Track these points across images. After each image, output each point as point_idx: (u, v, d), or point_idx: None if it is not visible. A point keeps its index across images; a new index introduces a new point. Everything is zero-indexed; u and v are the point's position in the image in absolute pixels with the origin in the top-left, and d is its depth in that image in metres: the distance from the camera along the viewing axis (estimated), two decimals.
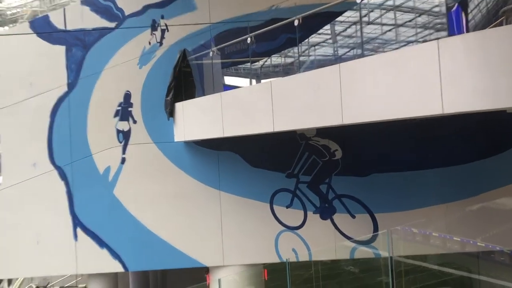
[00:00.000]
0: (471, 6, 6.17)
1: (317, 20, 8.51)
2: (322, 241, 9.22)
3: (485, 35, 4.47)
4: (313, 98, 6.14)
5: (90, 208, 9.40)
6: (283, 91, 6.71)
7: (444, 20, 6.52)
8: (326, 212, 9.18)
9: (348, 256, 9.40)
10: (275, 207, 9.27)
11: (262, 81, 9.44)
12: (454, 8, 5.90)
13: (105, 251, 9.33)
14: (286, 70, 10.00)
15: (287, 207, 9.27)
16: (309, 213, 9.25)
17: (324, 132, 8.91)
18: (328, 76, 5.92)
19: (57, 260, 9.46)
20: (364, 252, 9.24)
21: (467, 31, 5.70)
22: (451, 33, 5.75)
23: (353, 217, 9.16)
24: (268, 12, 9.51)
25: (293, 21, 7.01)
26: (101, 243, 9.32)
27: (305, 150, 9.21)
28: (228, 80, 10.23)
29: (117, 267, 9.40)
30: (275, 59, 10.09)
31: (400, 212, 9.16)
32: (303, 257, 9.20)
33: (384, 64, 5.21)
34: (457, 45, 4.53)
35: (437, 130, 8.38)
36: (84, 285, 15.45)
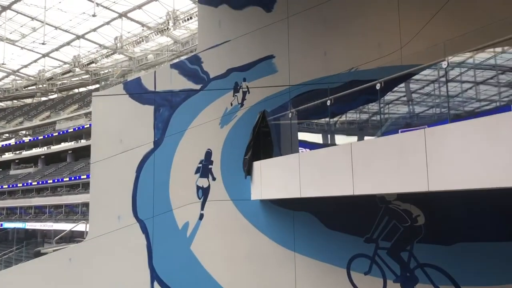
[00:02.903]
0: None
1: (396, 81, 8.45)
2: None
3: None
4: (396, 162, 5.99)
5: (168, 263, 9.59)
6: (364, 154, 6.63)
7: None
8: (407, 282, 8.63)
9: None
10: (352, 273, 8.88)
11: (337, 136, 9.39)
12: None
13: None
14: (361, 127, 9.90)
15: (366, 273, 8.85)
16: (389, 282, 8.73)
17: (406, 196, 8.56)
18: (412, 141, 5.79)
19: None
20: None
21: None
22: None
23: None
24: (348, 74, 9.62)
25: (373, 84, 7.05)
26: None
27: (385, 214, 8.86)
28: (301, 135, 10.26)
29: None
30: (351, 115, 10.03)
31: (491, 286, 8.37)
32: None
33: (475, 129, 5.01)
34: None
35: None
36: None
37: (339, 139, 9.44)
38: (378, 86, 6.80)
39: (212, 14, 10.53)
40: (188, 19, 42.11)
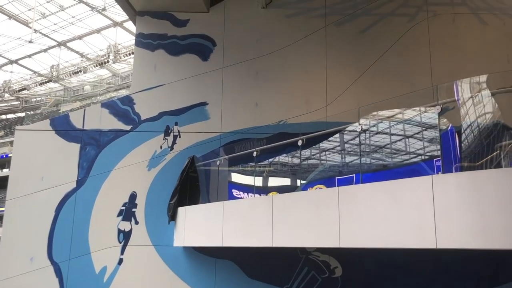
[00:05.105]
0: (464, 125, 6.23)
1: (319, 137, 8.82)
2: None
3: (478, 175, 4.66)
4: (312, 217, 6.23)
5: None
6: (284, 207, 6.83)
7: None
8: None
9: None
10: None
11: (270, 179, 9.53)
12: (449, 128, 5.98)
13: None
14: (294, 171, 10.15)
15: None
16: None
17: (325, 247, 8.82)
18: (327, 198, 6.08)
19: None
20: None
21: (460, 155, 5.74)
22: (444, 154, 5.71)
23: None
24: (276, 126, 9.97)
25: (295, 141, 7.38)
26: None
27: (304, 265, 9.05)
28: (234, 177, 10.32)
29: None
30: (283, 158, 10.25)
31: None
32: None
33: (382, 192, 5.37)
34: (450, 182, 4.71)
35: (443, 255, 8.24)
36: None
37: (272, 181, 9.57)
38: (300, 143, 7.13)
39: (148, 58, 10.64)
40: (129, 54, 41.74)
